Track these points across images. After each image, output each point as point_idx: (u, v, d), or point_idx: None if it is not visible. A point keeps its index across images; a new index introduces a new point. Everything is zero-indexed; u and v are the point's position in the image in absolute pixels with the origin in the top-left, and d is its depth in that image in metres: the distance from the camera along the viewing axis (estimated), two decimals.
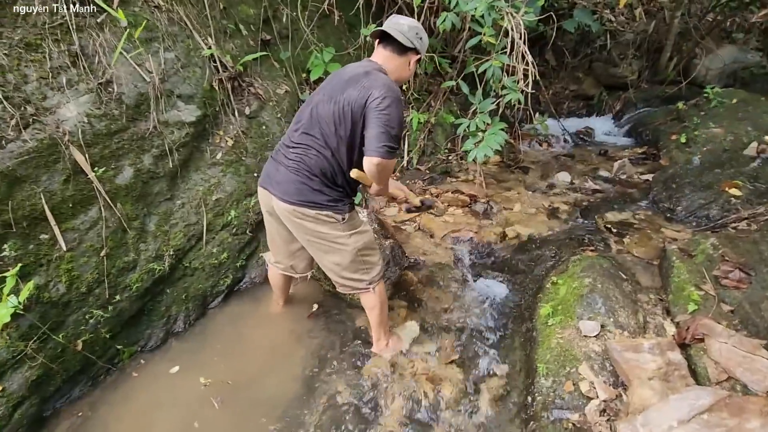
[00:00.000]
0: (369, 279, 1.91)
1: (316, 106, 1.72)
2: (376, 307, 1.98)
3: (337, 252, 1.82)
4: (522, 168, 4.18)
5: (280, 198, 1.74)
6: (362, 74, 1.66)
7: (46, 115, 1.94)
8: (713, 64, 5.18)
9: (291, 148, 1.76)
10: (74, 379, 1.87)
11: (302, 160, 1.71)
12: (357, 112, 1.60)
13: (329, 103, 1.67)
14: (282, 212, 1.78)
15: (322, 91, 1.77)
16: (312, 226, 1.76)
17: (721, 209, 2.79)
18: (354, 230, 1.82)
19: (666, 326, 1.87)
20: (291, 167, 1.73)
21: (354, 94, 1.60)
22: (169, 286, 2.27)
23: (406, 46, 1.70)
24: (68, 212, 1.91)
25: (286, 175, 1.73)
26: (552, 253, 2.74)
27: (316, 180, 1.71)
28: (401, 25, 1.70)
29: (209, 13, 2.80)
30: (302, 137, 1.74)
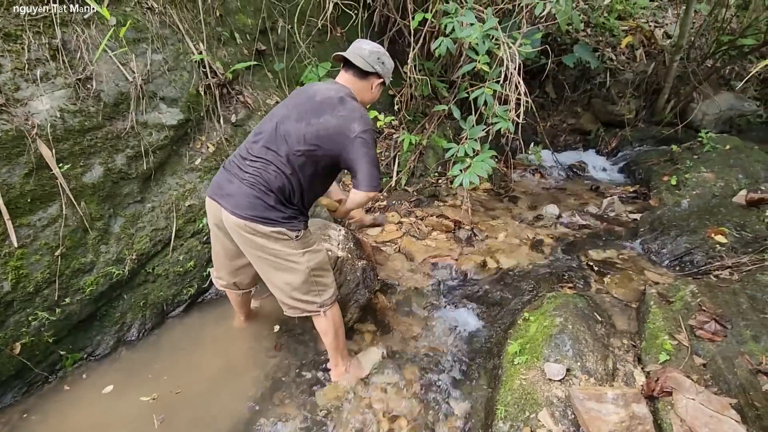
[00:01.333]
0: (320, 302, 1.82)
1: (282, 122, 1.68)
2: (329, 332, 1.88)
3: (289, 270, 1.73)
4: (511, 197, 4.13)
5: (231, 211, 1.65)
6: (336, 100, 1.67)
7: (16, 107, 1.90)
8: (710, 110, 5.20)
9: (248, 160, 1.69)
10: (8, 385, 1.77)
11: (260, 174, 1.65)
12: (335, 140, 1.64)
13: (299, 123, 1.65)
14: (231, 226, 1.69)
15: (287, 106, 1.73)
16: (263, 242, 1.67)
17: (705, 255, 2.72)
18: (307, 248, 1.75)
19: (636, 375, 1.78)
20: (246, 180, 1.66)
21: (332, 122, 1.63)
22: (127, 292, 2.18)
23: (367, 70, 1.75)
24: (25, 207, 1.84)
25: (240, 188, 1.65)
26: (530, 287, 2.67)
27: (272, 196, 1.64)
28: (362, 50, 1.76)
29: (204, 19, 2.80)
30: (262, 151, 1.67)
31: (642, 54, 5.93)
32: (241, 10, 3.16)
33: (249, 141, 1.75)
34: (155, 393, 1.86)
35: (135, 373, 1.99)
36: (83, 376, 1.96)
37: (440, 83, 4.10)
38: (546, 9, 3.11)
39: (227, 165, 1.77)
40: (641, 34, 6.10)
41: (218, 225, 1.79)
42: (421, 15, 3.36)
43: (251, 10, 3.23)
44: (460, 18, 3.13)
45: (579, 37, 6.02)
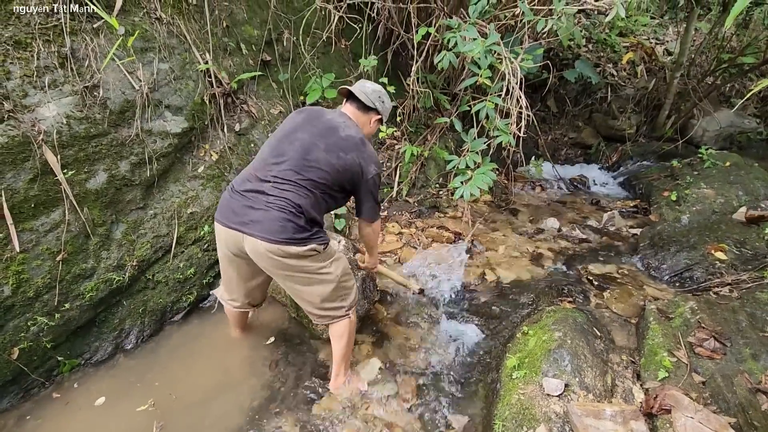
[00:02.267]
0: (347, 305, 1.87)
1: (310, 150, 1.73)
2: (344, 335, 1.90)
3: (321, 283, 1.76)
4: (512, 210, 4.15)
5: (261, 237, 1.62)
6: (359, 141, 1.82)
7: (23, 113, 1.92)
8: (710, 126, 5.24)
9: (271, 183, 1.68)
10: (4, 390, 1.77)
11: (288, 198, 1.65)
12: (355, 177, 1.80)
13: (329, 154, 1.74)
14: (261, 252, 1.65)
15: (309, 133, 1.77)
16: (295, 263, 1.68)
17: (705, 272, 2.72)
18: (333, 258, 1.80)
19: (635, 392, 1.78)
20: (273, 204, 1.63)
21: (357, 161, 1.79)
22: (126, 298, 2.19)
23: (368, 106, 1.92)
24: (29, 212, 1.86)
25: (268, 213, 1.63)
26: (529, 301, 2.67)
27: (302, 218, 1.66)
28: (366, 88, 1.94)
29: (210, 30, 2.85)
30: (289, 174, 1.68)
31: (643, 70, 5.99)
32: (248, 21, 3.21)
33: (266, 162, 1.74)
34: (153, 401, 1.85)
35: (132, 380, 1.98)
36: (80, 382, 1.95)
37: (442, 96, 4.14)
38: (548, 26, 3.16)
39: (240, 188, 1.72)
40: (642, 50, 6.17)
41: (236, 253, 1.76)
42: (425, 29, 3.40)
43: (257, 22, 3.29)
44: (463, 33, 3.18)
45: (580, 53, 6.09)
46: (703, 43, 5.58)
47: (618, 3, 2.96)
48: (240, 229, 1.66)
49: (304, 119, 1.85)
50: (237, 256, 1.78)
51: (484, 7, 3.31)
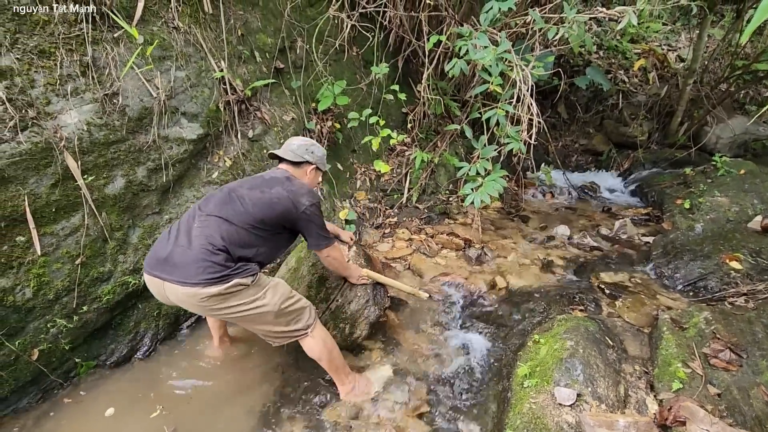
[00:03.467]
0: (302, 326, 1.84)
1: (234, 190, 1.81)
2: (323, 356, 1.89)
3: (260, 316, 1.72)
4: (522, 217, 4.13)
5: (178, 282, 1.57)
6: (284, 179, 1.90)
7: (46, 120, 1.98)
8: (724, 133, 5.18)
9: (196, 223, 1.69)
10: (24, 390, 1.81)
11: (207, 233, 1.64)
12: (287, 210, 1.80)
13: (253, 191, 1.80)
14: (181, 298, 1.61)
15: (237, 184, 1.86)
16: (221, 304, 1.63)
17: (719, 281, 2.69)
18: (267, 287, 1.75)
19: (648, 403, 1.76)
20: (194, 244, 1.61)
21: (283, 193, 1.82)
22: (141, 302, 2.22)
23: (298, 161, 2.00)
24: (50, 217, 1.91)
25: (185, 254, 1.60)
26: (541, 309, 2.65)
27: (221, 254, 1.62)
28: (292, 145, 2.02)
29: (226, 38, 2.91)
30: (215, 210, 1.72)
31: (655, 77, 5.95)
32: (262, 29, 3.27)
33: (194, 209, 1.78)
34: (162, 406, 1.87)
35: (146, 384, 2.01)
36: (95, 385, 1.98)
37: (453, 102, 4.16)
38: (559, 34, 3.17)
39: (167, 234, 1.73)
40: (654, 57, 6.13)
41: (163, 299, 1.71)
42: (436, 37, 3.43)
43: (271, 30, 3.34)
44: (474, 41, 3.20)
45: (591, 59, 6.08)
46: (716, 49, 5.53)
47: (630, 11, 2.96)
48: (160, 276, 1.62)
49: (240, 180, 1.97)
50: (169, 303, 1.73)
51: (495, 15, 3.33)
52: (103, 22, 2.26)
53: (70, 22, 2.14)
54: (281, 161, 2.03)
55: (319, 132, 3.58)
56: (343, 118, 3.76)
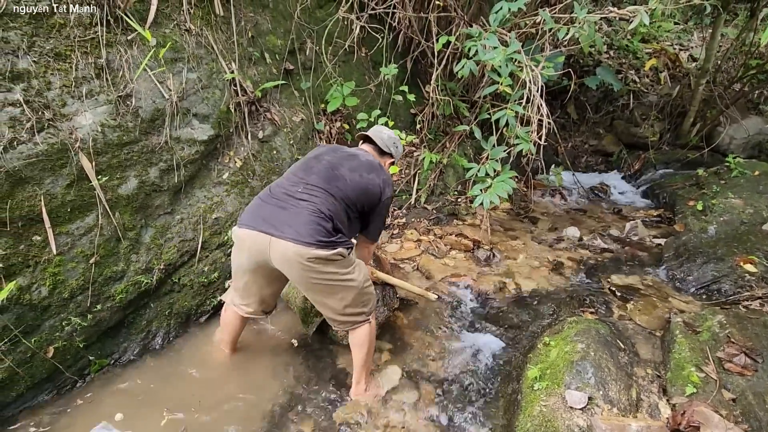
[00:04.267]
0: (368, 310, 1.91)
1: (335, 167, 1.88)
2: (365, 343, 1.92)
3: (344, 289, 1.79)
4: (531, 218, 4.11)
5: (291, 240, 1.64)
6: (378, 166, 2.02)
7: (62, 121, 2.01)
8: (738, 134, 5.10)
9: (300, 191, 1.77)
10: (39, 387, 1.84)
11: (317, 203, 1.73)
12: (373, 196, 1.94)
13: (353, 173, 1.90)
14: (288, 256, 1.66)
15: (333, 155, 1.95)
16: (321, 268, 1.69)
17: (734, 284, 2.65)
18: (355, 263, 1.84)
19: (661, 407, 1.74)
20: (304, 209, 1.70)
21: (377, 181, 1.95)
22: (153, 301, 2.25)
23: (384, 150, 2.15)
24: (65, 216, 1.94)
25: (298, 216, 1.68)
26: (550, 311, 2.63)
27: (330, 223, 1.72)
28: (383, 134, 2.17)
29: (236, 40, 2.93)
30: (319, 182, 1.79)
31: (666, 77, 5.88)
32: (272, 31, 3.29)
33: (295, 175, 1.86)
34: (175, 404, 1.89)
35: (157, 382, 2.03)
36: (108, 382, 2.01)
37: (462, 103, 4.15)
38: (569, 34, 3.14)
39: (267, 198, 1.80)
40: (666, 56, 6.06)
41: (258, 259, 1.76)
42: (445, 38, 3.43)
43: (281, 32, 3.36)
44: (484, 41, 3.19)
45: (602, 59, 6.02)
46: (729, 48, 5.45)
47: (642, 10, 2.93)
48: (269, 231, 1.68)
49: (328, 149, 2.03)
50: (257, 263, 1.78)
51: (505, 16, 3.32)
52: (117, 25, 2.29)
53: (85, 25, 2.17)
54: (365, 142, 2.17)
55: (328, 133, 3.60)
56: (352, 119, 3.77)
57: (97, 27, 2.20)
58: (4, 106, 1.82)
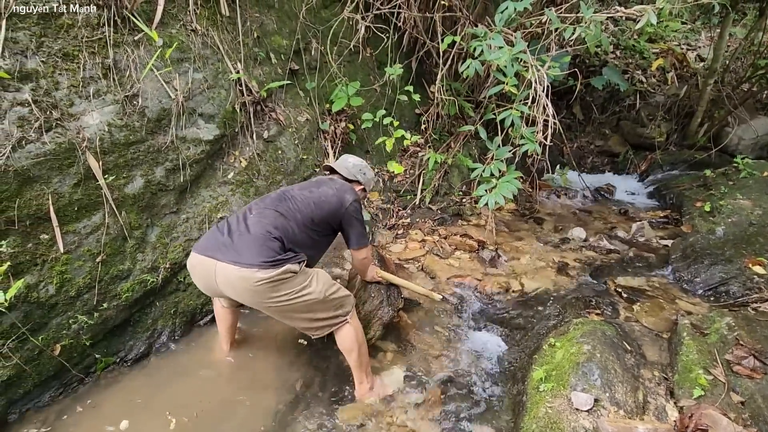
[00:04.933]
0: (343, 312, 1.89)
1: (285, 192, 1.96)
2: (353, 345, 1.91)
3: (306, 305, 1.75)
4: (536, 218, 4.09)
5: (233, 262, 1.62)
6: (328, 180, 2.08)
7: (69, 121, 2.02)
8: (746, 134, 5.04)
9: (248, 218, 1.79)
10: (46, 384, 1.85)
11: (264, 222, 1.74)
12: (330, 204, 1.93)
13: (302, 191, 1.96)
14: (232, 281, 1.64)
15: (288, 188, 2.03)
16: (272, 293, 1.65)
17: (742, 286, 2.62)
18: (312, 275, 1.80)
19: (668, 410, 1.72)
20: (250, 229, 1.71)
21: (329, 192, 1.96)
22: (159, 299, 2.26)
23: (350, 178, 2.15)
24: (72, 215, 1.95)
25: (242, 237, 1.68)
26: (556, 312, 2.62)
27: (277, 242, 1.71)
28: (348, 162, 2.19)
29: (242, 40, 2.94)
30: (270, 205, 1.84)
31: (673, 77, 5.83)
32: (277, 31, 3.30)
33: (247, 209, 1.88)
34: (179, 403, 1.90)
35: (162, 382, 2.04)
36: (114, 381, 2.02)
37: (467, 103, 4.14)
38: (575, 34, 3.13)
39: (221, 226, 1.80)
40: (673, 56, 6.01)
41: (207, 283, 1.75)
42: (451, 38, 3.42)
43: (286, 32, 3.37)
44: (489, 41, 3.18)
45: (608, 59, 5.98)
46: (738, 48, 5.39)
47: (649, 10, 2.91)
48: (214, 255, 1.67)
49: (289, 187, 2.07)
50: (210, 289, 1.79)
51: (511, 16, 3.30)
52: (124, 25, 2.30)
53: (93, 25, 2.18)
54: (333, 173, 2.21)
55: (332, 133, 3.60)
56: (356, 119, 3.77)
57: (104, 27, 2.22)
58: (13, 105, 1.83)
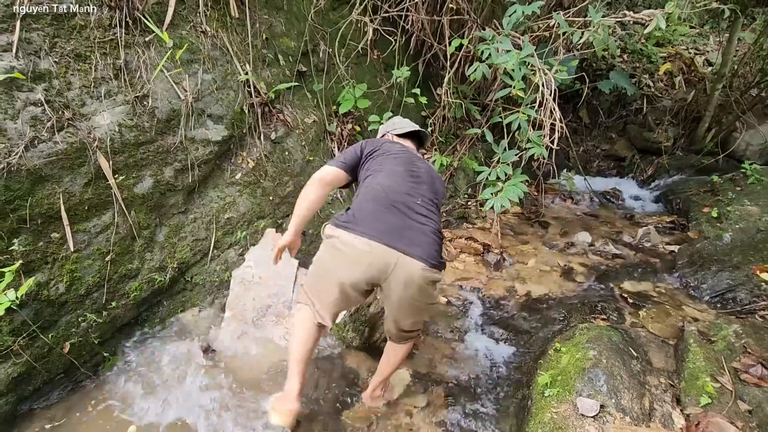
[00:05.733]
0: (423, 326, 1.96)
1: (432, 181, 1.83)
2: (405, 356, 1.89)
3: (429, 309, 1.81)
4: (542, 222, 4.08)
5: (421, 259, 1.52)
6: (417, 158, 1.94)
7: (81, 121, 2.04)
8: (754, 140, 5.01)
9: (419, 206, 1.66)
10: (55, 382, 1.87)
11: (434, 221, 1.66)
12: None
13: (431, 179, 1.85)
14: (414, 278, 1.53)
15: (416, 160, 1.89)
16: (431, 291, 1.63)
17: (749, 294, 2.61)
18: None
19: (674, 417, 1.71)
20: (427, 226, 1.61)
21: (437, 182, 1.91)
22: (166, 299, 2.28)
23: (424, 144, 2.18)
24: (83, 214, 1.97)
25: (424, 235, 1.59)
26: (561, 317, 2.62)
27: (441, 242, 1.68)
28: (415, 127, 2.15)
29: (251, 42, 2.96)
30: (431, 203, 1.71)
31: (681, 81, 5.81)
32: (286, 33, 3.32)
33: (406, 183, 1.70)
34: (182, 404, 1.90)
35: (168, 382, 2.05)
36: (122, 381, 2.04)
37: (473, 106, 4.14)
38: (583, 38, 3.13)
39: (386, 205, 1.61)
40: (681, 61, 5.99)
41: (376, 274, 1.54)
42: (458, 41, 3.42)
43: (295, 34, 3.39)
44: (497, 44, 3.18)
45: (615, 63, 5.97)
46: (747, 53, 5.36)
47: (658, 15, 2.91)
48: (397, 246, 1.51)
49: (401, 148, 1.92)
50: (372, 278, 1.56)
51: (519, 19, 3.31)
52: (136, 26, 2.33)
53: (105, 26, 2.20)
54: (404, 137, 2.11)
55: (339, 135, 3.61)
56: (363, 121, 3.78)
57: (116, 28, 2.24)
58: (26, 105, 1.86)
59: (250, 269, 2.46)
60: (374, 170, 1.77)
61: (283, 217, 2.93)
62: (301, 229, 1.82)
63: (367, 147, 1.89)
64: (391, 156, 1.82)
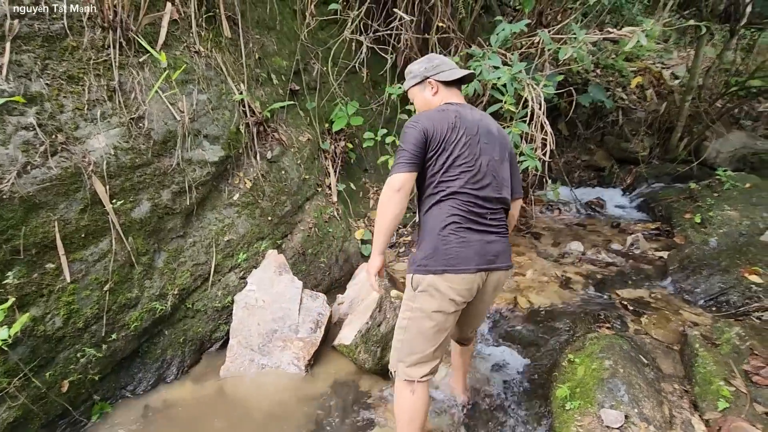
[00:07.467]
0: None
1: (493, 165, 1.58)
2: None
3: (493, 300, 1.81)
4: (533, 233, 4.15)
5: (504, 267, 1.61)
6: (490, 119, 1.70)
7: (75, 145, 1.95)
8: (723, 148, 5.29)
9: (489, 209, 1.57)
10: (53, 425, 1.73)
11: (505, 224, 1.65)
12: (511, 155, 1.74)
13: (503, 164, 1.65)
14: (499, 284, 1.66)
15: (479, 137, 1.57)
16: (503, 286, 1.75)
17: (741, 296, 2.70)
18: None
19: (694, 423, 1.73)
20: (502, 233, 1.61)
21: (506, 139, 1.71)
22: (167, 328, 2.17)
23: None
24: (79, 242, 1.87)
25: (503, 242, 1.61)
26: (566, 327, 2.63)
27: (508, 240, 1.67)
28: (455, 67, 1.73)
29: (245, 62, 2.93)
30: (497, 195, 1.59)
31: (652, 94, 6.11)
32: (278, 52, 3.31)
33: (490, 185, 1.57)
34: None
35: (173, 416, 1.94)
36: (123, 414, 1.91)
37: None
38: (568, 54, 3.24)
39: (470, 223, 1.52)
40: (650, 74, 6.30)
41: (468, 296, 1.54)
42: None
43: (286, 53, 3.38)
44: (487, 61, 3.26)
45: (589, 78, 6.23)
46: (711, 67, 5.70)
47: (639, 32, 3.05)
48: (485, 267, 1.53)
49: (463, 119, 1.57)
50: (464, 302, 1.55)
51: (507, 37, 3.41)
52: (129, 47, 2.26)
53: (98, 47, 2.13)
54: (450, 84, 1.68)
55: (333, 152, 3.59)
56: (355, 138, 3.78)
57: (109, 49, 2.18)
58: (17, 129, 1.76)
59: (253, 293, 2.38)
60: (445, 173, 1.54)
61: (282, 238, 2.86)
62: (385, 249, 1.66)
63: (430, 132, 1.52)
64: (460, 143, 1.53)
